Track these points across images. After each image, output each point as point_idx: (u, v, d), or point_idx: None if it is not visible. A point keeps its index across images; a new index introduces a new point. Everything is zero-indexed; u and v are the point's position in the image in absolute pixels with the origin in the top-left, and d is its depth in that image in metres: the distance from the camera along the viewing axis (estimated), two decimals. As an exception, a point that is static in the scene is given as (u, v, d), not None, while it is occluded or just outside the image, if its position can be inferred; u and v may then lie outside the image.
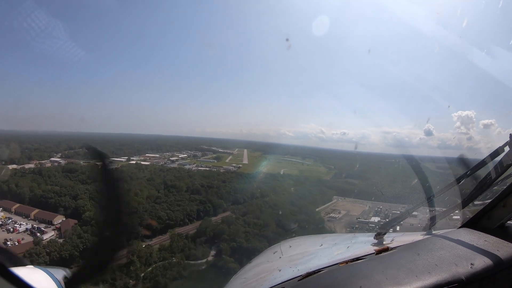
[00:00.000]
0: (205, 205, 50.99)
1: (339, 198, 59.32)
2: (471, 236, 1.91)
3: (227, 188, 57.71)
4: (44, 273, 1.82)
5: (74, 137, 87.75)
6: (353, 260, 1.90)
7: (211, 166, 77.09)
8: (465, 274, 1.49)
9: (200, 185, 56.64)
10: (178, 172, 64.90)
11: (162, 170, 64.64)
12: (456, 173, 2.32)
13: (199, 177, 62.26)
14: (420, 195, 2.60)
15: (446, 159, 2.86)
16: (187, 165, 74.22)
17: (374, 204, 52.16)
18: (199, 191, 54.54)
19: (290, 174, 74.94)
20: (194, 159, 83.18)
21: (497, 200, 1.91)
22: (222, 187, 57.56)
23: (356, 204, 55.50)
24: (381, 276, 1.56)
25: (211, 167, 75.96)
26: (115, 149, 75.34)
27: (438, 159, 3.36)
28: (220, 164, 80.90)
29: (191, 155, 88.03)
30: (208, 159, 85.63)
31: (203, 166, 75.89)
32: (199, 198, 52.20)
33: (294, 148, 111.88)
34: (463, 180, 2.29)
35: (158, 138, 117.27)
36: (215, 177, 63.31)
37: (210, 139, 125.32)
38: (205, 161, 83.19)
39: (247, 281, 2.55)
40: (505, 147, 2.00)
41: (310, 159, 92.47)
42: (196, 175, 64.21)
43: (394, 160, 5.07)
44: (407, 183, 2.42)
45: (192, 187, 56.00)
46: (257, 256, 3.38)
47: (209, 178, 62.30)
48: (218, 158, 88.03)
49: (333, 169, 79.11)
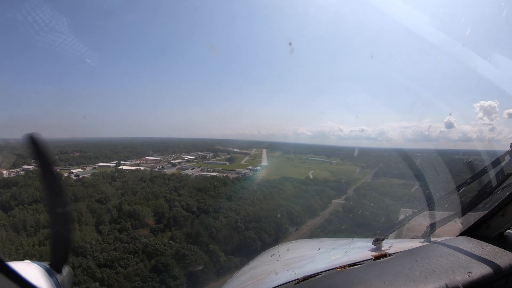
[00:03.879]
0: (188, 258, 30.46)
1: (414, 215, 47.59)
2: (469, 244, 1.90)
3: (235, 214, 38.05)
4: (40, 267, 1.87)
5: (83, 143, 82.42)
6: (350, 265, 1.90)
7: (221, 169, 62.42)
8: (462, 282, 1.48)
9: (187, 209, 38.01)
10: (166, 180, 50.48)
11: (144, 180, 50.44)
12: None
13: (192, 191, 44.11)
14: (420, 201, 2.60)
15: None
16: (190, 169, 61.05)
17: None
18: (180, 223, 36.25)
19: (324, 178, 60.26)
20: (202, 161, 71.35)
21: (496, 209, 1.90)
22: (225, 213, 37.63)
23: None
24: (378, 281, 1.56)
25: (221, 170, 61.12)
26: (111, 153, 68.73)
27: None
28: (233, 166, 67.25)
29: (200, 156, 75.73)
30: (219, 161, 72.99)
31: (210, 170, 62.09)
32: (174, 247, 32.26)
33: (315, 147, 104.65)
34: (463, 187, 2.29)
35: (172, 141, 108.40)
36: (218, 189, 45.40)
37: (227, 141, 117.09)
38: (215, 163, 70.31)
39: (244, 283, 2.54)
40: (506, 156, 2.01)
41: (335, 157, 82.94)
42: (191, 184, 47.64)
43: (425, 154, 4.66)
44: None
45: (171, 214, 37.41)
46: (254, 259, 3.37)
47: (208, 191, 44.18)
48: (232, 160, 75.88)
49: (365, 167, 68.76)
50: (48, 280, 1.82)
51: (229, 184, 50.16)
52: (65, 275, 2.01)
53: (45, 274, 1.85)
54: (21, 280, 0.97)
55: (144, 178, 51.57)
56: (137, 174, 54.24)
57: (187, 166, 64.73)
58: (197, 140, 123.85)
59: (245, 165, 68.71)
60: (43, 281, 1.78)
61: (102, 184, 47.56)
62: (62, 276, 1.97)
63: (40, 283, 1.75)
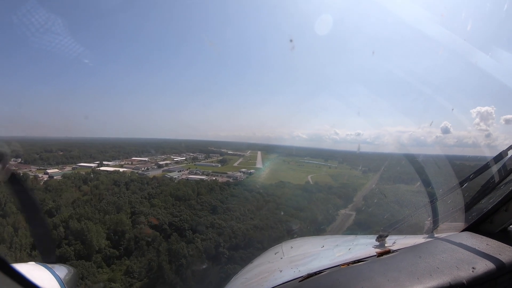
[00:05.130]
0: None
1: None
2: (473, 240, 1.91)
3: (218, 234, 29.22)
4: (46, 270, 1.89)
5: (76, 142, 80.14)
6: (354, 262, 1.91)
7: (212, 172, 58.97)
8: (466, 278, 1.49)
9: (156, 226, 29.79)
10: (143, 185, 44.11)
11: (118, 184, 43.92)
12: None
13: (168, 200, 37.16)
14: (423, 197, 2.59)
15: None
16: (177, 171, 57.23)
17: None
18: (142, 249, 26.91)
19: (326, 183, 54.55)
20: (193, 163, 67.84)
21: (499, 204, 1.90)
22: (204, 233, 29.13)
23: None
24: (382, 278, 1.57)
25: (211, 173, 57.39)
26: (97, 152, 64.79)
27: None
28: (225, 169, 63.30)
29: (191, 157, 72.18)
30: (210, 163, 69.79)
31: (199, 172, 58.45)
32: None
33: (311, 150, 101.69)
34: (466, 183, 2.28)
35: (166, 142, 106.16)
36: (201, 197, 38.72)
37: (222, 142, 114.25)
38: (206, 165, 67.31)
39: (248, 281, 2.56)
40: (508, 151, 2.00)
41: (332, 160, 79.78)
42: (171, 191, 40.59)
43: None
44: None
45: (131, 235, 28.74)
46: (258, 257, 3.39)
47: (188, 199, 36.93)
48: (225, 161, 72.44)
49: (367, 171, 64.28)
50: (53, 282, 1.84)
51: (216, 191, 43.10)
52: (69, 276, 2.03)
53: (50, 275, 1.87)
54: (26, 281, 0.98)
55: (119, 182, 44.37)
56: (113, 177, 47.05)
57: (174, 168, 60.71)
58: (192, 141, 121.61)
59: (238, 168, 64.48)
60: (48, 283, 1.80)
61: (68, 188, 41.76)
62: (65, 275, 1.99)
63: (45, 284, 1.77)
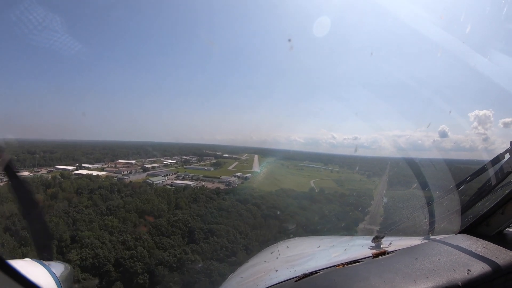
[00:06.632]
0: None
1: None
2: (469, 242, 1.91)
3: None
4: (41, 266, 1.88)
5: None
6: (350, 262, 1.90)
7: (202, 176, 53.95)
8: (462, 280, 1.49)
9: (93, 266, 21.71)
10: (113, 193, 36.97)
11: (81, 191, 37.69)
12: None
13: (132, 217, 29.18)
14: (420, 199, 2.59)
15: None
16: (162, 175, 52.16)
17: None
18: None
19: (334, 190, 47.99)
20: (183, 166, 63.19)
21: (496, 207, 1.90)
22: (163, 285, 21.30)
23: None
24: (378, 279, 1.56)
25: (202, 177, 52.24)
26: (81, 154, 62.56)
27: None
28: (218, 173, 58.72)
29: (182, 160, 67.75)
30: (202, 166, 65.25)
31: (187, 176, 53.50)
32: None
33: (308, 154, 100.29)
34: (462, 185, 2.29)
35: (162, 145, 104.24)
36: (178, 211, 30.05)
37: (219, 146, 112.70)
38: (198, 168, 62.26)
39: (244, 280, 2.55)
40: (505, 154, 2.01)
41: (332, 164, 76.61)
42: (140, 204, 32.53)
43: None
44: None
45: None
46: (254, 256, 3.39)
47: (160, 216, 28.80)
48: (219, 165, 68.44)
49: (371, 175, 61.02)
50: (49, 279, 1.84)
51: (201, 202, 34.87)
52: (65, 273, 2.03)
53: (46, 272, 1.86)
54: (22, 278, 0.97)
55: (82, 190, 36.66)
56: (80, 182, 40.21)
57: (161, 171, 56.02)
58: (187, 144, 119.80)
59: (233, 172, 60.10)
60: (43, 280, 1.79)
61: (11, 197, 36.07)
62: (61, 273, 1.99)
63: (41, 281, 1.76)
